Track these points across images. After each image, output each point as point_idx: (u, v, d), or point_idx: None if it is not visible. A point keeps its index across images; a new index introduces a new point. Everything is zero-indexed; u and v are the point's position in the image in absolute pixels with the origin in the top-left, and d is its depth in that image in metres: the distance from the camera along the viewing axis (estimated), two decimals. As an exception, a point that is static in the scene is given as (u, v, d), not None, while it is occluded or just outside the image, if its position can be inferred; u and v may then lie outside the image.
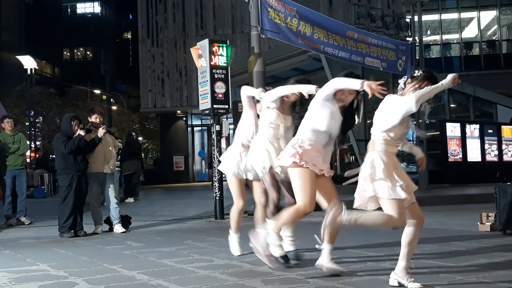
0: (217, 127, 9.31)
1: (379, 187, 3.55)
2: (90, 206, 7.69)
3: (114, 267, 4.69)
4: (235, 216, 5.11)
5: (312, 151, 3.96)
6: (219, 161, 5.29)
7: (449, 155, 16.97)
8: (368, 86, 3.70)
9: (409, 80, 3.70)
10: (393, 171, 3.58)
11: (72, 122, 7.43)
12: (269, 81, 16.01)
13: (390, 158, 3.63)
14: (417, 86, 3.61)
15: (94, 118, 7.76)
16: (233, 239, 5.15)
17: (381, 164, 3.56)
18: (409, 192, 3.62)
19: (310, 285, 3.77)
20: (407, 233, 3.70)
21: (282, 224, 4.06)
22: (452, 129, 17.04)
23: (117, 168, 8.44)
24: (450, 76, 3.48)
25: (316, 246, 4.10)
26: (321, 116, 3.98)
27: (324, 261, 4.02)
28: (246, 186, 5.08)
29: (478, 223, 6.75)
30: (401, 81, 3.72)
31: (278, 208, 4.48)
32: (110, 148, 7.71)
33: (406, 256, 3.67)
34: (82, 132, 7.27)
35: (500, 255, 4.86)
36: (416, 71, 3.72)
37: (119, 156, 11.92)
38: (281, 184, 4.58)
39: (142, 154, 19.61)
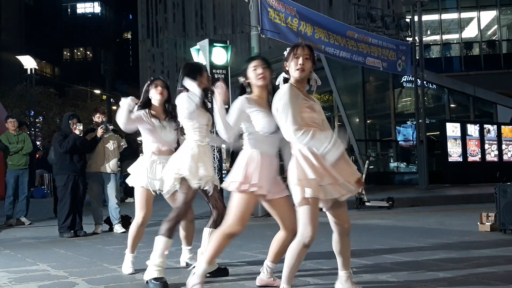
0: (217, 127, 9.30)
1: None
2: (91, 205, 7.69)
3: (114, 267, 4.69)
4: (133, 232, 4.48)
5: (263, 167, 3.41)
6: (128, 174, 4.63)
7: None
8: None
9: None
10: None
11: (70, 121, 7.41)
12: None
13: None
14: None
15: (97, 118, 7.76)
16: (127, 257, 4.47)
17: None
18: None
19: (310, 285, 3.78)
20: (335, 241, 3.38)
21: (215, 255, 3.51)
22: (454, 129, 17.06)
23: (118, 168, 8.41)
24: None
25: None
26: (256, 116, 3.44)
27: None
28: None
29: (478, 223, 6.75)
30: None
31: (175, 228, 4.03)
32: (111, 147, 7.68)
33: (343, 266, 3.38)
34: (77, 131, 7.25)
35: (500, 255, 4.85)
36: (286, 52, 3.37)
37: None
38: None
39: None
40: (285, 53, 3.34)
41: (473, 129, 17.44)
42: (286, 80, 3.31)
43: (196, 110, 3.98)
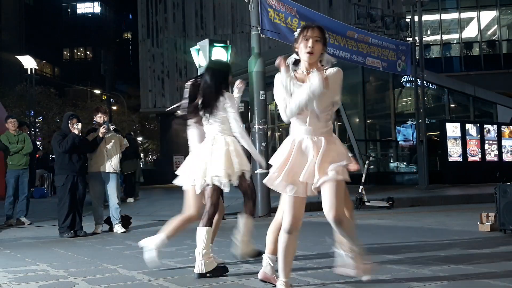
0: (217, 127, 9.31)
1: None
2: (92, 205, 7.69)
3: (114, 267, 4.69)
4: (182, 223, 4.49)
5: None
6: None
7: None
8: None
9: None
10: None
11: (69, 121, 7.42)
12: (269, 81, 16.00)
13: None
14: None
15: (98, 118, 7.77)
16: (158, 239, 4.43)
17: None
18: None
19: (310, 284, 3.77)
20: None
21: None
22: (454, 129, 17.06)
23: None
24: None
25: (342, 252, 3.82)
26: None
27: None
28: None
29: (478, 223, 6.74)
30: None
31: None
32: (113, 147, 7.67)
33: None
34: (76, 131, 7.25)
35: (500, 255, 4.85)
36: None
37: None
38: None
39: (142, 154, 19.63)
40: (296, 33, 3.25)
41: (473, 129, 17.44)
42: (297, 62, 3.24)
43: None
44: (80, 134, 7.30)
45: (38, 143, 26.68)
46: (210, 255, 4.17)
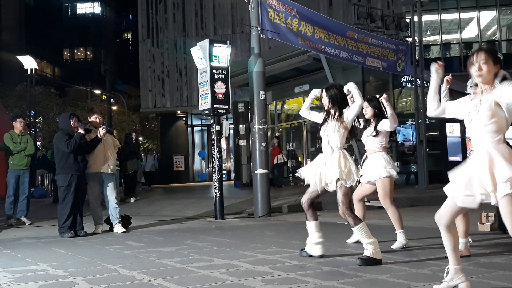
0: (217, 127, 9.33)
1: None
2: (90, 206, 7.69)
3: (114, 267, 4.69)
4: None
5: None
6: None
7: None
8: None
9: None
10: None
11: (71, 120, 7.43)
12: (269, 81, 16.02)
13: None
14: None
15: (94, 118, 7.77)
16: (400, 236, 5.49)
17: None
18: None
19: (310, 284, 3.78)
20: None
21: None
22: (453, 129, 17.06)
23: (116, 168, 8.46)
24: None
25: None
26: None
27: None
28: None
29: (478, 223, 6.75)
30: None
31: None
32: (110, 147, 7.72)
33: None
34: (81, 130, 7.28)
35: (500, 255, 4.86)
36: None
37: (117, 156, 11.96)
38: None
39: (142, 154, 19.66)
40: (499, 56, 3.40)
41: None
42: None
43: None
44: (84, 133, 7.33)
45: (38, 143, 26.67)
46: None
